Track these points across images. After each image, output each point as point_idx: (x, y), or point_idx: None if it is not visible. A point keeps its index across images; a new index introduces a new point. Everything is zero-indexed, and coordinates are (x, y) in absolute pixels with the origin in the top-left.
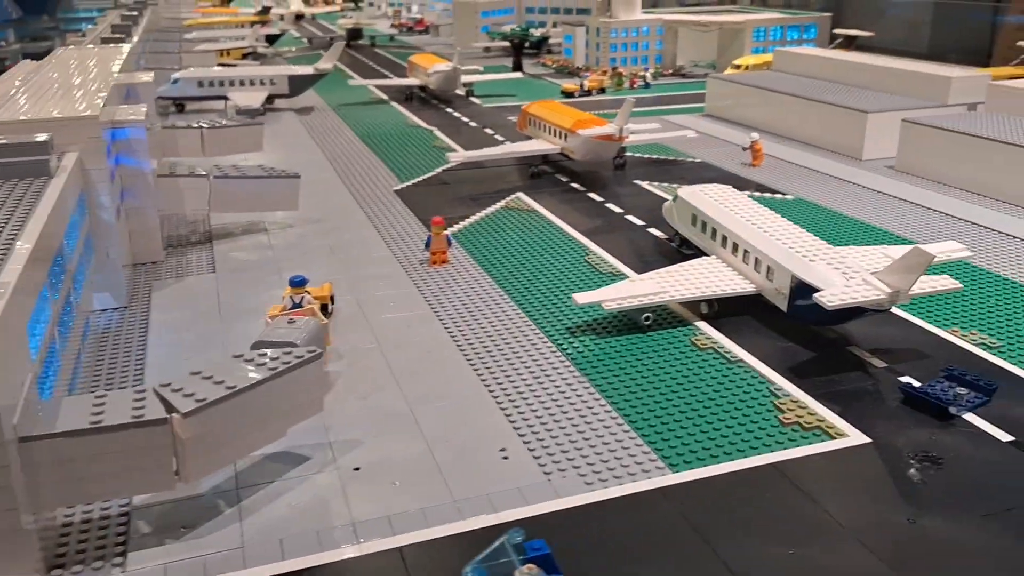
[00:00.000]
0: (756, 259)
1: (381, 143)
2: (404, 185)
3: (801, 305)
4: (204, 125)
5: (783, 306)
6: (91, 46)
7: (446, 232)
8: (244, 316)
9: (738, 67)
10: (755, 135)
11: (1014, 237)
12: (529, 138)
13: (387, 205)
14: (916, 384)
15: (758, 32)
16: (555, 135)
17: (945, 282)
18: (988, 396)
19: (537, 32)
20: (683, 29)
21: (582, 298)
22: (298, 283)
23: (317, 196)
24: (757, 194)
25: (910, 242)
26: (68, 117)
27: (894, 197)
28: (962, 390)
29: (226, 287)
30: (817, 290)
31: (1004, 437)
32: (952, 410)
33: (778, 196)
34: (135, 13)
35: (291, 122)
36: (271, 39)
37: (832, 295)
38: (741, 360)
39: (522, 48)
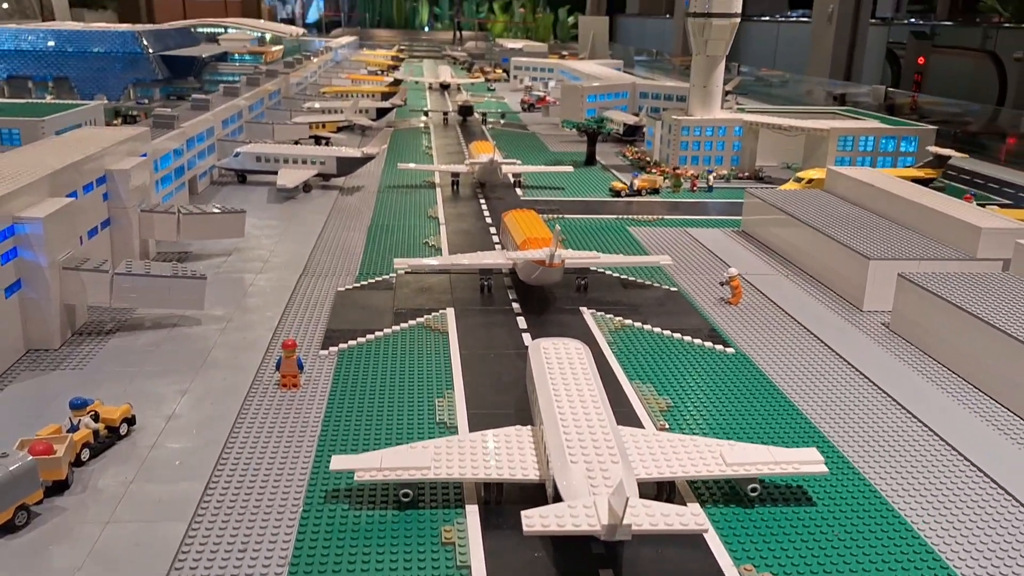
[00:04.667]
0: (546, 443)
1: (381, 233)
2: (351, 287)
3: None
4: (182, 210)
5: None
6: (117, 122)
7: (297, 355)
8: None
9: (800, 180)
10: (733, 270)
11: (959, 456)
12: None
13: (311, 309)
14: None
15: (844, 141)
16: (513, 251)
17: (687, 520)
18: None
19: (631, 121)
20: (764, 130)
21: (338, 463)
22: (77, 406)
23: (253, 290)
24: (697, 342)
25: (804, 444)
26: None
27: (856, 370)
28: None
29: (72, 386)
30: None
31: None
32: None
33: (719, 348)
34: (235, 84)
35: (325, 202)
36: (382, 112)
37: (533, 518)
38: (467, 566)
39: (595, 138)
